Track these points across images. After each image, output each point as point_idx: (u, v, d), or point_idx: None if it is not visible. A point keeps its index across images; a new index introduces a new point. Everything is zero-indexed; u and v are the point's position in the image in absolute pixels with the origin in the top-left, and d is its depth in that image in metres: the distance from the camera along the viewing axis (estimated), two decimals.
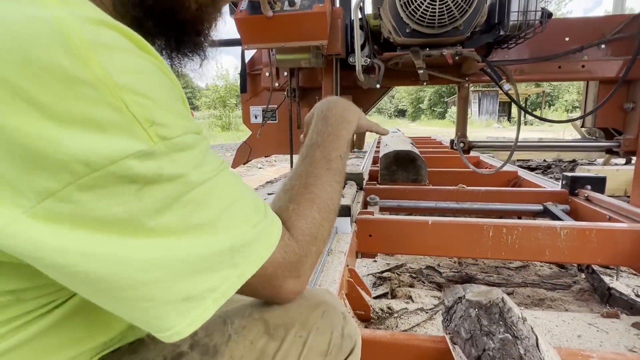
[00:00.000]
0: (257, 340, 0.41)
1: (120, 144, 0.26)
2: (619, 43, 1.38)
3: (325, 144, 0.50)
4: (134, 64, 0.28)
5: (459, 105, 1.54)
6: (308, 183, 0.45)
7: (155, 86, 0.29)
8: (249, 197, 0.36)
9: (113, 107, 0.26)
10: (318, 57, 1.27)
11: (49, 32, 0.25)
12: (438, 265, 1.69)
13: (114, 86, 0.26)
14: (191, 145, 0.30)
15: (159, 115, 0.28)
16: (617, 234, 1.16)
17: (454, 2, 1.07)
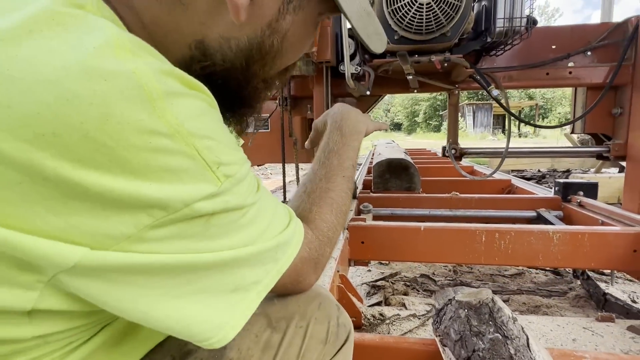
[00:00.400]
0: (262, 334, 0.44)
1: (194, 188, 0.28)
2: (604, 50, 1.41)
3: (341, 153, 0.55)
4: (197, 108, 0.29)
5: (449, 112, 1.55)
6: (328, 188, 0.50)
7: (215, 125, 0.31)
8: (279, 205, 0.40)
9: (187, 155, 0.28)
10: (308, 65, 1.28)
11: (129, 86, 0.25)
12: (433, 274, 1.67)
13: (187, 135, 0.27)
14: (246, 175, 0.33)
15: (223, 155, 0.30)
16: (609, 237, 1.15)
17: (441, 9, 1.08)
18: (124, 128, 0.25)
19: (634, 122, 1.36)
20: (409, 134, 35.14)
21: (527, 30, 1.18)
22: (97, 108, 0.24)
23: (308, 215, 0.46)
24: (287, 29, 0.39)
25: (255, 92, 0.42)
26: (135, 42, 0.29)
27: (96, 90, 0.24)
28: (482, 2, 1.26)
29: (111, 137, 0.25)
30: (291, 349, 0.43)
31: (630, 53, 1.36)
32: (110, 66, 0.25)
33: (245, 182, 0.33)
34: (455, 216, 1.68)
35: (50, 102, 0.24)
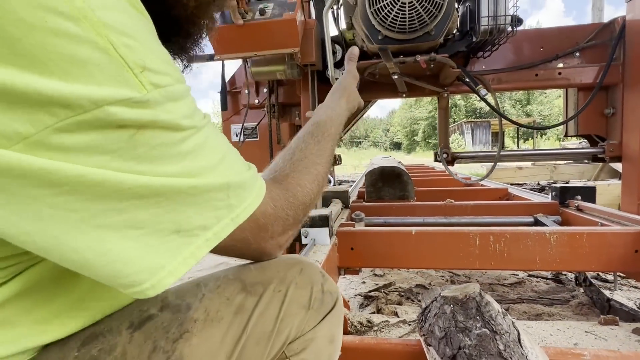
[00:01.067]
0: (234, 297, 0.40)
1: (108, 88, 0.24)
2: (593, 50, 1.40)
3: (341, 121, 0.57)
4: (121, 7, 0.25)
5: (439, 116, 1.52)
6: (316, 162, 0.47)
7: (141, 28, 0.27)
8: (235, 151, 0.36)
9: (99, 47, 0.23)
10: (293, 68, 1.26)
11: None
12: (429, 284, 1.61)
13: (98, 23, 0.23)
14: (184, 95, 0.29)
15: (150, 61, 0.26)
16: (609, 238, 1.10)
17: (423, 7, 1.08)
18: (17, 5, 0.21)
19: (628, 122, 1.33)
20: (408, 152, 35.32)
21: (512, 28, 1.17)
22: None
23: (284, 178, 0.43)
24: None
25: (187, 11, 0.39)
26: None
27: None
28: (467, 3, 1.26)
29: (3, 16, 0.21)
30: (267, 312, 0.39)
31: (619, 52, 1.35)
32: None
33: (184, 102, 0.29)
34: (450, 223, 1.63)
35: None
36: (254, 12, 1.11)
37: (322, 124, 0.53)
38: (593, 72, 1.39)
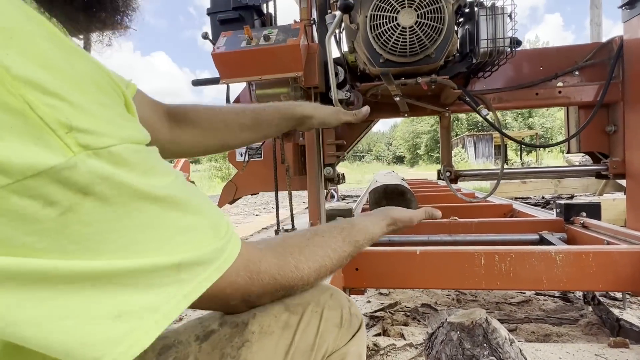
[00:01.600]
0: (280, 315, 0.45)
1: (25, 158, 0.21)
2: (592, 69, 1.42)
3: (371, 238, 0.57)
4: (42, 54, 0.22)
5: (442, 135, 1.54)
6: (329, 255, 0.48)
7: (76, 84, 0.23)
8: (204, 210, 0.31)
9: (10, 108, 0.21)
10: (297, 91, 1.29)
11: None
12: (435, 303, 1.59)
13: (13, 82, 0.21)
14: (131, 156, 0.25)
15: (80, 119, 0.23)
16: (616, 257, 1.09)
17: (423, 31, 1.10)
18: None
19: (630, 139, 1.34)
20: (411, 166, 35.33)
21: (511, 50, 1.20)
22: None
23: (286, 254, 0.42)
24: None
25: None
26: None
27: None
28: (466, 26, 1.28)
29: None
30: (309, 329, 0.44)
31: (618, 71, 1.37)
32: None
33: (133, 164, 0.25)
34: (455, 241, 1.62)
35: None
36: (258, 38, 1.14)
37: (357, 230, 0.54)
38: (593, 90, 1.40)
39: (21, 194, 0.21)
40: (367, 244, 0.55)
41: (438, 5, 1.10)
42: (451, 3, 1.13)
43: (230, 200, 1.76)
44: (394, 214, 0.68)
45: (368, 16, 1.15)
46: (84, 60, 0.25)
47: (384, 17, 1.12)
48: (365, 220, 0.58)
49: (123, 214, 0.25)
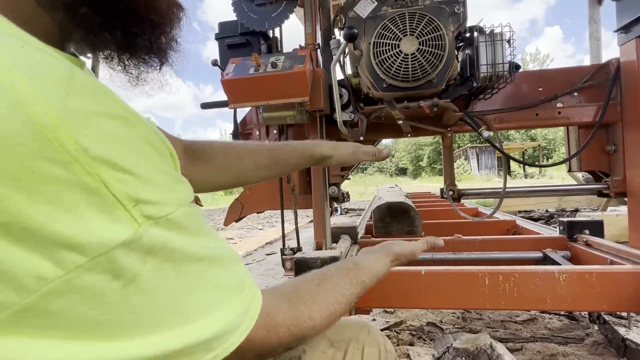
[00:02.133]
0: (327, 350, 0.50)
1: (101, 234, 0.23)
2: (590, 90, 1.45)
3: (377, 277, 0.59)
4: (115, 133, 0.25)
5: (444, 154, 1.57)
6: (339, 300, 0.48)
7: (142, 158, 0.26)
8: (234, 278, 0.34)
9: (89, 188, 0.23)
10: (302, 114, 1.33)
11: (6, 107, 0.21)
12: (440, 322, 1.60)
13: (91, 162, 0.23)
14: (181, 224, 0.28)
15: (144, 192, 0.25)
16: (619, 277, 1.10)
17: (425, 58, 1.14)
18: (4, 157, 0.21)
19: (630, 159, 1.36)
20: (414, 178, 35.31)
21: (510, 74, 1.23)
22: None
23: (299, 304, 0.43)
24: None
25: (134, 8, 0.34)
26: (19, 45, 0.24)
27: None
28: (466, 51, 1.33)
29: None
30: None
31: (616, 92, 1.40)
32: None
33: (182, 231, 0.28)
34: (459, 259, 1.64)
35: None
36: (265, 64, 1.19)
37: (362, 270, 0.55)
38: (592, 111, 1.44)
39: (94, 271, 0.23)
40: (372, 283, 0.56)
41: (439, 33, 1.14)
42: (451, 30, 1.17)
43: (237, 219, 1.78)
44: (396, 250, 0.67)
45: (371, 43, 1.19)
46: (142, 127, 0.27)
47: (386, 45, 1.17)
48: (369, 259, 0.59)
49: (173, 277, 0.27)
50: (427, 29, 1.14)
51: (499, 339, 1.43)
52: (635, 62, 1.30)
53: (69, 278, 0.22)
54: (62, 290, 0.22)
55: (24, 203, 0.21)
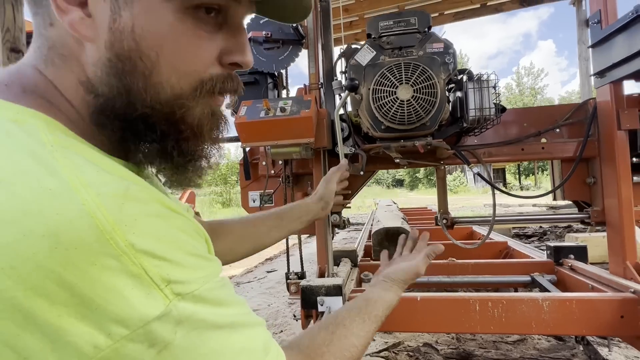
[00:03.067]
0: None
1: (140, 310, 0.29)
2: (571, 127, 1.58)
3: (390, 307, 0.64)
4: (154, 229, 0.31)
5: (438, 185, 1.69)
6: (354, 344, 0.53)
7: (175, 246, 0.32)
8: (259, 342, 0.38)
9: (133, 274, 0.29)
10: (307, 151, 1.44)
11: (79, 216, 0.28)
12: (436, 342, 1.69)
13: (136, 254, 0.29)
14: (206, 298, 0.33)
15: (174, 274, 0.31)
16: (597, 304, 1.21)
17: (419, 104, 1.27)
18: (70, 254, 0.27)
19: (607, 191, 1.48)
20: (411, 189, 35.48)
21: (496, 116, 1.36)
22: (48, 239, 0.27)
23: (317, 357, 0.47)
24: (131, 25, 0.36)
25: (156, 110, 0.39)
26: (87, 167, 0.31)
27: (48, 224, 0.27)
28: (457, 93, 1.46)
29: (58, 262, 0.27)
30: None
31: (594, 130, 1.53)
32: (63, 201, 0.28)
33: (206, 303, 0.33)
34: (453, 282, 1.74)
35: (9, 240, 0.26)
36: (275, 108, 1.31)
37: (372, 304, 0.60)
38: (573, 146, 1.56)
39: (135, 341, 0.28)
40: (386, 313, 0.61)
41: (431, 81, 1.27)
42: (442, 78, 1.30)
43: None
44: (401, 277, 0.74)
45: (371, 89, 1.32)
46: (179, 220, 0.34)
47: (384, 91, 1.29)
48: (378, 291, 0.66)
49: (200, 343, 0.32)
50: (420, 78, 1.27)
51: (490, 359, 1.53)
52: (609, 104, 1.43)
53: (116, 347, 0.28)
54: (111, 357, 0.28)
55: (87, 289, 0.27)
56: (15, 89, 0.36)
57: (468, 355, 1.55)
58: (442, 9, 5.16)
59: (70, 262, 0.27)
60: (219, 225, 0.76)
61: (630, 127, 1.38)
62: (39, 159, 0.30)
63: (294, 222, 0.86)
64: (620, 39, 1.29)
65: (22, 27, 1.45)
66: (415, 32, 1.36)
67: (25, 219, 0.27)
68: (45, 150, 0.31)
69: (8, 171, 0.29)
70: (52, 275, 0.27)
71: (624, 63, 1.29)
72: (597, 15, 1.46)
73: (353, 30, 5.35)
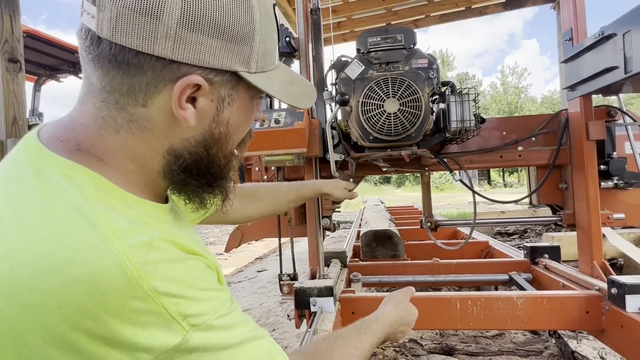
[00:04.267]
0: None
1: (162, 341, 0.36)
2: (546, 136, 1.69)
3: (379, 340, 0.72)
4: (173, 273, 0.39)
5: (423, 190, 1.78)
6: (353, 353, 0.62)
7: (189, 276, 0.40)
8: (263, 350, 0.46)
9: (156, 312, 0.36)
10: (300, 159, 1.52)
11: (112, 265, 0.35)
12: (421, 338, 1.80)
13: (158, 296, 0.36)
14: (217, 326, 0.41)
15: (191, 308, 0.38)
16: (565, 301, 1.33)
17: (405, 117, 1.36)
18: (105, 297, 0.34)
19: (577, 195, 1.60)
20: (398, 187, 35.84)
21: (476, 128, 1.46)
22: (87, 285, 0.34)
23: None
24: (228, 118, 0.48)
25: (222, 166, 0.51)
26: (120, 220, 0.38)
27: (87, 272, 0.34)
28: (440, 105, 1.55)
29: (96, 304, 0.34)
30: None
31: (566, 139, 1.64)
32: (100, 252, 0.35)
33: (218, 329, 0.41)
34: (437, 281, 1.85)
35: (58, 285, 0.34)
36: (269, 120, 1.38)
37: (367, 321, 0.70)
38: (547, 154, 1.68)
39: None
40: (382, 327, 0.70)
41: (416, 95, 1.36)
42: (427, 92, 1.39)
43: (237, 245, 1.95)
44: (393, 296, 0.89)
45: (360, 102, 1.40)
46: (195, 261, 0.42)
47: (372, 104, 1.38)
48: (376, 311, 0.76)
49: None
50: (406, 92, 1.36)
51: (470, 353, 1.64)
52: (579, 115, 1.55)
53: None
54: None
55: (119, 326, 0.35)
56: (70, 147, 0.43)
57: (450, 349, 1.66)
58: (428, 11, 5.30)
59: (105, 304, 0.34)
60: (250, 192, 1.00)
61: (598, 138, 1.50)
62: (83, 213, 0.37)
63: (305, 199, 1.18)
64: (589, 57, 1.40)
65: (20, 38, 1.48)
66: (401, 48, 1.44)
67: (72, 267, 0.34)
68: (88, 204, 0.38)
69: (58, 223, 0.36)
70: (91, 315, 0.34)
71: (592, 79, 1.40)
72: (569, 33, 1.57)
73: (341, 30, 5.44)
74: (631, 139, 1.57)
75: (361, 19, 5.12)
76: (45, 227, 0.36)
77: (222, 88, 0.46)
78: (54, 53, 3.00)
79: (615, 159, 1.56)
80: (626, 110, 1.58)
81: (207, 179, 0.50)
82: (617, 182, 1.56)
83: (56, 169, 0.40)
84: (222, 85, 0.45)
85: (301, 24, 1.64)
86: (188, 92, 0.43)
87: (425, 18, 5.43)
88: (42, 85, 3.38)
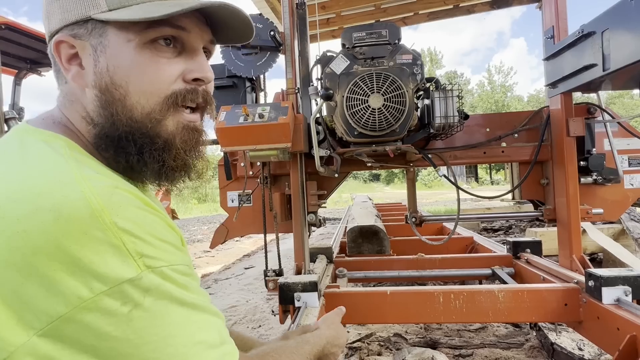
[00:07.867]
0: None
1: (117, 272, 0.37)
2: (528, 132, 1.72)
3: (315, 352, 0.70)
4: (134, 216, 0.41)
5: (408, 186, 1.80)
6: None
7: (149, 224, 0.42)
8: (216, 329, 0.45)
9: (114, 244, 0.38)
10: (285, 154, 1.51)
11: (78, 198, 0.39)
12: (405, 332, 1.81)
13: (118, 231, 0.39)
14: (172, 277, 0.41)
15: (147, 250, 0.40)
16: (544, 294, 1.36)
17: (389, 112, 1.36)
18: (68, 224, 0.37)
19: (557, 191, 1.63)
20: (387, 184, 36.07)
21: (460, 124, 1.47)
22: (53, 213, 0.37)
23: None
24: (106, 65, 0.48)
25: (147, 129, 0.50)
26: (90, 170, 0.42)
27: (54, 203, 0.38)
28: (425, 101, 1.56)
29: (59, 230, 0.37)
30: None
31: (547, 135, 1.67)
32: (68, 188, 0.39)
33: (172, 284, 0.41)
34: (422, 276, 1.87)
35: (25, 212, 0.38)
36: (254, 114, 1.37)
37: (304, 337, 0.71)
38: (529, 150, 1.70)
39: (111, 296, 0.37)
40: (319, 339, 0.71)
41: (400, 91, 1.36)
42: (411, 88, 1.40)
43: (222, 242, 1.94)
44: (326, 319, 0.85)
45: (345, 97, 1.40)
46: (157, 216, 0.44)
47: (357, 99, 1.38)
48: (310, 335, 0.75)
49: (164, 312, 0.40)
50: (391, 88, 1.36)
51: (454, 346, 1.66)
52: (560, 112, 1.58)
53: (95, 300, 0.36)
54: (90, 307, 0.36)
55: (78, 252, 0.37)
56: (48, 121, 0.52)
57: (434, 343, 1.68)
58: (416, 8, 5.31)
59: (67, 230, 0.37)
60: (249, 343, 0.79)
61: (577, 134, 1.53)
62: (58, 165, 0.43)
63: None
64: (569, 55, 1.42)
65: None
66: (386, 43, 1.44)
67: (40, 199, 0.38)
68: (63, 159, 0.44)
69: (36, 172, 0.42)
70: (53, 239, 0.37)
71: (572, 76, 1.42)
72: (551, 30, 1.59)
73: (330, 27, 5.42)
74: (610, 136, 1.60)
75: (350, 15, 5.11)
76: (22, 173, 0.41)
77: (91, 38, 0.49)
78: (35, 46, 2.92)
79: (594, 155, 1.59)
80: (605, 107, 1.61)
81: (137, 148, 0.50)
82: (596, 177, 1.59)
83: (37, 137, 0.47)
84: (89, 35, 0.49)
85: (287, 18, 1.63)
86: (64, 52, 0.49)
87: (413, 15, 5.45)
88: (23, 79, 3.29)
